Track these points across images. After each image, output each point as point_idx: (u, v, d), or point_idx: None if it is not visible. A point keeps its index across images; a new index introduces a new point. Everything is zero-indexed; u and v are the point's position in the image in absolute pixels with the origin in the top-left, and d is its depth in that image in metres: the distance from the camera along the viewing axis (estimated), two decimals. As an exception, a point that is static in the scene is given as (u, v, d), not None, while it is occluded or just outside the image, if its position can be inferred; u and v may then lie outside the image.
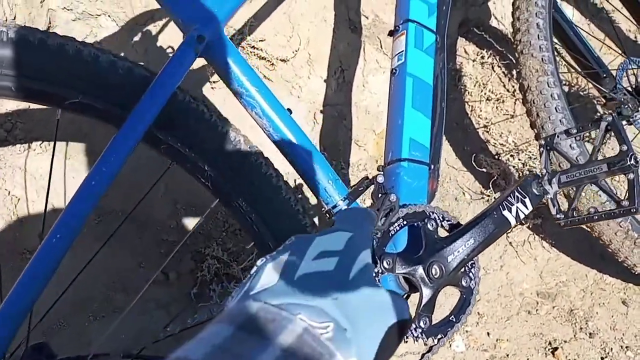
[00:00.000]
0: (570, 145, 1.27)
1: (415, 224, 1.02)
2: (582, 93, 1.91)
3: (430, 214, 1.04)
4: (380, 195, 1.02)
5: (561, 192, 1.38)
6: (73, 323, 1.27)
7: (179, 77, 0.89)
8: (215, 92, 1.53)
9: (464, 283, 1.04)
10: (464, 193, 1.69)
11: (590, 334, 1.53)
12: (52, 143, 1.36)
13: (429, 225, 1.02)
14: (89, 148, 1.41)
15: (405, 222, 1.00)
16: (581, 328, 1.54)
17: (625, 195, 0.98)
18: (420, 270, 0.97)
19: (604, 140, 0.99)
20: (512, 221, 1.06)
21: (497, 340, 1.49)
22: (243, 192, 0.97)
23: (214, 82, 1.55)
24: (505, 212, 1.06)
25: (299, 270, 0.50)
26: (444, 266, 0.99)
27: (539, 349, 1.49)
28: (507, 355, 1.46)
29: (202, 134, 0.94)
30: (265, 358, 0.39)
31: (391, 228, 1.00)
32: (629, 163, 0.93)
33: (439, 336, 1.02)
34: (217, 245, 1.40)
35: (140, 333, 1.31)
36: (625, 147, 0.94)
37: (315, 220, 1.58)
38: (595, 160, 0.99)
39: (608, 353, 1.50)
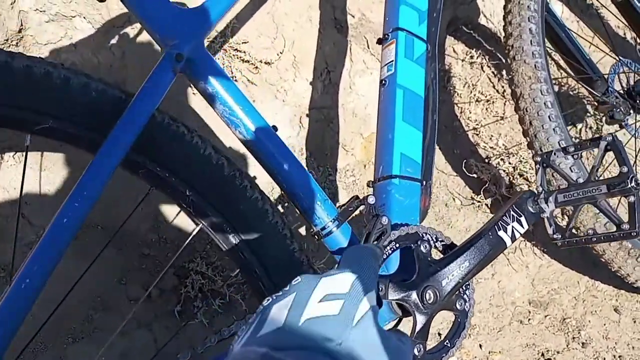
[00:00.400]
0: (565, 158, 1.23)
1: (408, 246, 0.98)
2: (572, 93, 1.87)
3: (423, 235, 1.00)
4: (371, 217, 0.98)
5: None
6: (51, 346, 1.22)
7: (157, 99, 0.83)
8: (197, 98, 1.47)
9: (458, 306, 1.01)
10: (454, 199, 1.66)
11: (582, 343, 1.50)
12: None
13: (422, 248, 0.98)
14: (65, 158, 1.34)
15: (397, 245, 0.96)
16: (574, 338, 1.52)
17: (616, 213, 0.95)
18: (414, 295, 0.93)
19: (603, 161, 0.96)
20: (508, 242, 1.03)
21: (489, 353, 1.46)
22: (227, 217, 0.92)
23: (195, 86, 1.48)
24: (501, 233, 1.02)
25: (305, 314, 0.50)
26: (438, 291, 0.96)
27: (532, 360, 1.47)
28: (500, 368, 1.44)
29: (182, 157, 0.89)
30: None
31: (383, 252, 0.96)
32: (629, 185, 0.90)
33: (433, 363, 0.99)
34: (201, 259, 1.35)
35: (123, 355, 1.26)
36: (625, 169, 0.90)
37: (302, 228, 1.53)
38: (594, 180, 0.95)
39: (601, 363, 1.48)
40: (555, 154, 1.02)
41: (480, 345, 1.47)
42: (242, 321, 0.57)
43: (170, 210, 1.36)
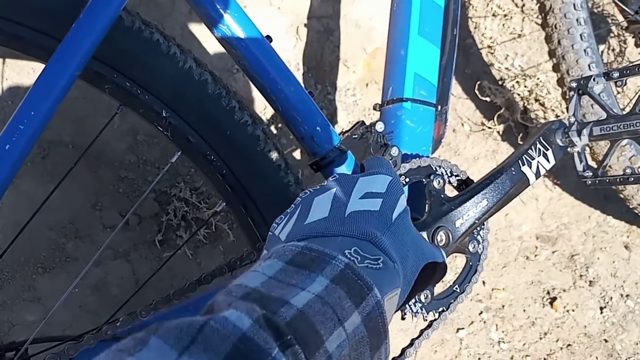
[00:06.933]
0: (605, 85, 1.08)
1: (419, 181, 0.86)
2: (596, 10, 1.70)
3: (437, 168, 0.88)
4: (379, 146, 0.85)
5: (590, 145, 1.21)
6: (18, 276, 1.11)
7: (125, -4, 0.67)
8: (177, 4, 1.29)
9: (471, 248, 0.90)
10: (462, 124, 1.52)
11: (590, 281, 1.42)
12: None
13: (434, 183, 0.86)
14: (31, 66, 1.18)
15: (407, 180, 0.84)
16: (581, 275, 1.43)
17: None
18: (424, 237, 0.82)
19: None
20: (532, 178, 0.91)
21: (492, 290, 1.38)
22: (211, 143, 0.78)
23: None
24: (525, 168, 0.90)
25: (348, 207, 0.55)
26: (451, 232, 0.85)
27: (537, 298, 1.39)
28: (503, 306, 1.36)
29: (157, 70, 0.74)
30: (315, 287, 0.44)
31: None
32: (686, 120, 0.77)
33: (441, 309, 0.89)
34: (185, 184, 1.22)
35: (96, 287, 1.16)
36: (682, 100, 0.77)
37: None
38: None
39: (607, 302, 1.41)
40: (594, 79, 0.87)
41: (484, 282, 1.39)
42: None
43: (150, 129, 1.22)
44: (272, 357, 0.37)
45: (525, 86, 1.54)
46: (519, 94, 1.54)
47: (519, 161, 0.90)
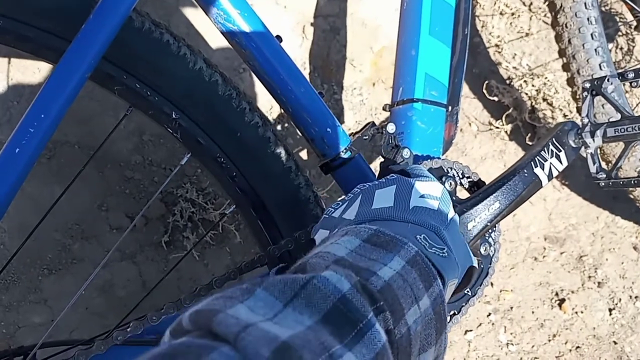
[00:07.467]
0: (619, 86, 1.07)
1: (431, 183, 0.85)
2: (603, 8, 1.68)
3: (448, 170, 0.86)
4: (390, 148, 0.83)
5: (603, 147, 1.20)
6: (25, 277, 1.10)
7: (135, -3, 0.66)
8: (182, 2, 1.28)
9: (482, 251, 0.89)
10: (470, 124, 1.51)
11: (598, 283, 1.41)
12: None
13: (446, 185, 0.84)
14: (37, 65, 1.17)
15: (419, 182, 0.83)
16: (590, 277, 1.42)
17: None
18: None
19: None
20: (544, 180, 0.90)
21: (500, 291, 1.37)
22: (221, 145, 0.77)
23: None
24: (537, 170, 0.89)
25: (412, 201, 0.59)
26: (463, 235, 0.84)
27: (545, 300, 1.37)
28: (511, 307, 1.35)
29: (167, 71, 0.73)
30: (394, 265, 0.47)
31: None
32: (703, 122, 0.75)
33: (452, 313, 0.88)
34: (191, 184, 1.21)
35: (103, 289, 1.15)
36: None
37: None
38: (656, 113, 0.81)
39: (616, 304, 1.40)
40: (608, 80, 0.86)
41: (492, 284, 1.38)
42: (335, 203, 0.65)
43: (157, 129, 1.21)
44: (368, 320, 0.40)
45: (533, 85, 1.53)
46: (526, 94, 1.53)
47: (532, 163, 0.88)
